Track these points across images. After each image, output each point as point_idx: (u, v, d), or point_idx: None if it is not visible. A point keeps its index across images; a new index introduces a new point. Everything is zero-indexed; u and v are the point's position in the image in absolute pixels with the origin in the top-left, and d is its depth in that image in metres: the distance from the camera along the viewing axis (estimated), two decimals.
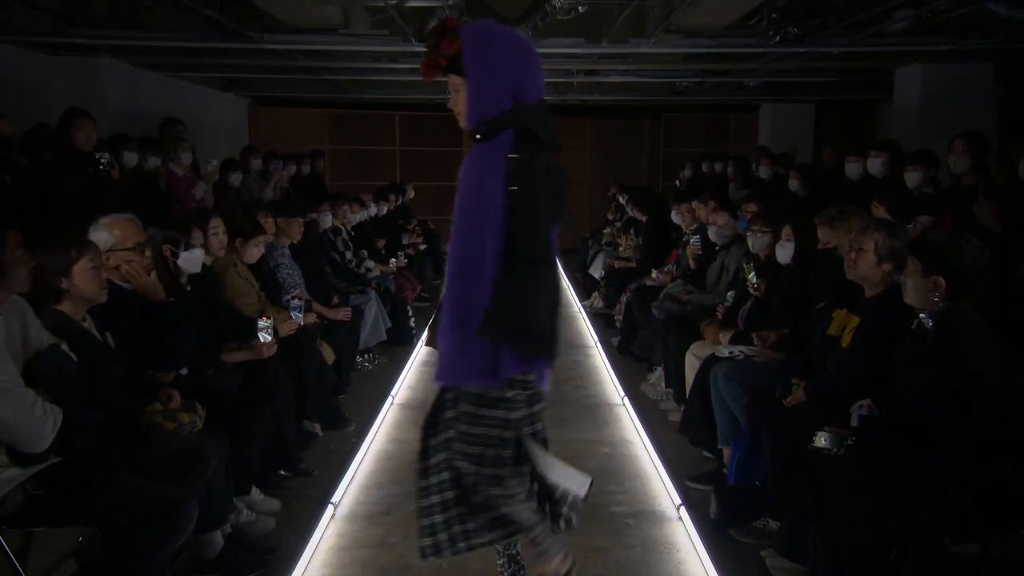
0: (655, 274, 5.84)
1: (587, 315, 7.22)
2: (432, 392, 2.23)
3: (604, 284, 7.51)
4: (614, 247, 8.15)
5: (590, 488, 2.20)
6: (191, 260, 3.33)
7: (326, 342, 4.44)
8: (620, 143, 12.70)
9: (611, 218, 9.34)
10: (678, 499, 3.31)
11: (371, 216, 7.31)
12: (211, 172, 5.87)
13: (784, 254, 3.74)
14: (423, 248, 8.60)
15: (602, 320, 7.02)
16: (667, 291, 5.25)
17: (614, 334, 6.32)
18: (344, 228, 6.22)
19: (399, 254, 7.24)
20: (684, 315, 4.71)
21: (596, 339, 6.23)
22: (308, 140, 10.88)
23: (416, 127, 11.90)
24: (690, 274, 5.28)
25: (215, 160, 6.03)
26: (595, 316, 7.23)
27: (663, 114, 12.07)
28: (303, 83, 9.24)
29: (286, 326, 3.90)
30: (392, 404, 4.62)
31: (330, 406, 4.33)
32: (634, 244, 7.49)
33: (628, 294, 5.99)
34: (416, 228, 9.02)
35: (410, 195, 9.45)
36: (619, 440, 4.18)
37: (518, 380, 1.96)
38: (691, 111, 11.84)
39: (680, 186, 9.07)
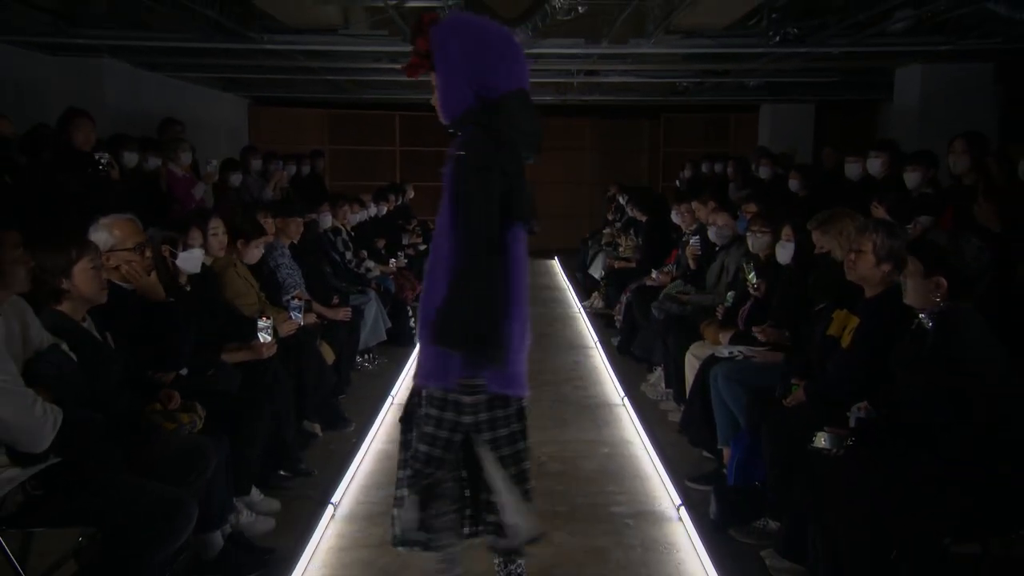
0: (655, 274, 5.84)
1: (587, 315, 7.22)
2: None
3: (604, 284, 7.51)
4: (614, 247, 8.15)
5: (530, 540, 2.14)
6: (189, 260, 3.32)
7: (326, 342, 4.44)
8: (620, 143, 12.69)
9: (611, 218, 9.34)
10: (678, 499, 3.31)
11: (371, 216, 7.30)
12: (211, 172, 5.87)
13: (784, 254, 3.74)
14: (423, 248, 8.55)
15: (602, 320, 7.02)
16: (667, 291, 5.25)
17: (614, 334, 6.32)
18: (344, 228, 6.21)
19: (399, 254, 7.23)
20: (684, 315, 4.71)
21: (596, 339, 6.22)
22: (308, 140, 10.89)
23: (416, 127, 11.88)
24: (690, 274, 5.27)
25: (215, 160, 6.04)
26: (595, 316, 7.22)
27: (663, 114, 12.06)
28: (303, 83, 9.25)
29: (286, 326, 3.90)
30: (392, 404, 4.61)
31: (330, 406, 4.33)
32: (634, 244, 7.48)
33: (628, 294, 5.99)
34: (416, 228, 9.01)
35: (410, 195, 9.44)
36: (619, 440, 4.18)
37: (466, 384, 1.96)
38: (691, 111, 11.84)
39: (680, 186, 9.07)
